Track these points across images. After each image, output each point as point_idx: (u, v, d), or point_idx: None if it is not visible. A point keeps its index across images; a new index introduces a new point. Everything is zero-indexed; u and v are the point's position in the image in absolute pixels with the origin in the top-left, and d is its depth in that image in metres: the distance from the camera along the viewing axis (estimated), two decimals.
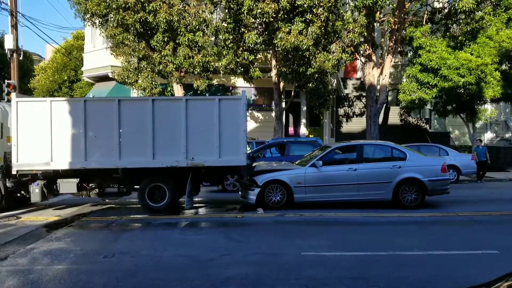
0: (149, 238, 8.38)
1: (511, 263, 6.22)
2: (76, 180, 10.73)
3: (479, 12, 19.68)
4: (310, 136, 22.73)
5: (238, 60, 18.14)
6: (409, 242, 7.68)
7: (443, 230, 8.89)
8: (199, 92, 19.22)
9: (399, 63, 27.11)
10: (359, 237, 8.13)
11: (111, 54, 20.78)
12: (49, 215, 10.55)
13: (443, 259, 6.67)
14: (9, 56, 19.26)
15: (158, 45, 18.04)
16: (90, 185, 10.98)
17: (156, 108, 10.51)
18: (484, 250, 7.09)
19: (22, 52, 20.07)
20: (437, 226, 9.20)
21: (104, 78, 23.78)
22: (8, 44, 18.92)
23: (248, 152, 11.93)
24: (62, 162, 10.46)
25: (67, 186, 10.78)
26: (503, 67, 20.63)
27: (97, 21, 19.34)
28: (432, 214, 10.35)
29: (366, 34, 19.38)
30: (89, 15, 18.87)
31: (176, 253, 7.02)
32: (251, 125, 22.74)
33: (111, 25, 18.39)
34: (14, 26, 19.22)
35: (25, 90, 33.76)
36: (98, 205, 12.20)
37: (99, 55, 23.59)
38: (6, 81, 18.45)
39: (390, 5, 20.35)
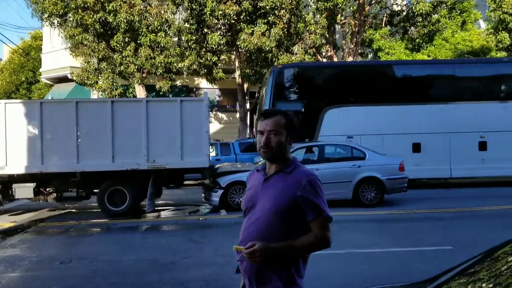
0: (108, 242, 8.23)
1: (464, 258, 6.46)
2: (32, 185, 10.43)
3: (436, 15, 20.38)
4: None
5: (201, 61, 18.10)
6: (367, 239, 7.86)
7: (401, 227, 9.13)
8: (161, 93, 19.04)
9: None
10: None
11: (70, 54, 20.30)
12: (4, 221, 10.20)
13: (400, 255, 6.85)
14: None
15: (118, 45, 17.76)
16: (48, 189, 10.69)
17: (115, 110, 10.33)
18: (439, 246, 7.31)
19: None
20: (395, 224, 9.45)
21: (63, 79, 23.19)
22: None
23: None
24: (18, 166, 10.13)
25: (23, 191, 10.46)
26: None
27: (55, 21, 18.85)
28: (390, 212, 10.63)
29: (327, 36, 19.72)
30: (46, 15, 18.37)
31: (136, 257, 6.93)
32: (215, 126, 22.70)
33: (70, 25, 18.00)
34: None
35: None
36: (56, 210, 11.88)
37: (58, 56, 22.99)
38: None
39: (351, 8, 20.76)
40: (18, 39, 51.56)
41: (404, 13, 21.37)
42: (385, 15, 21.73)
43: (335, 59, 21.03)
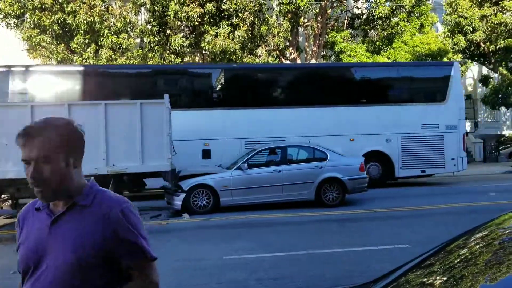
0: None
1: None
2: None
3: (395, 18, 20.90)
4: None
5: (164, 63, 17.88)
6: (329, 239, 7.95)
7: (361, 226, 9.30)
8: None
9: None
10: (282, 238, 8.30)
11: (28, 56, 19.64)
12: None
13: (359, 255, 6.97)
14: None
15: (78, 47, 17.33)
16: (3, 196, 10.30)
17: (73, 112, 10.05)
18: (397, 245, 7.48)
19: None
20: (355, 223, 9.61)
21: None
22: None
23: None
24: None
25: None
26: None
27: (11, 22, 18.22)
28: (351, 211, 10.80)
29: (291, 38, 19.91)
30: (2, 15, 17.74)
31: None
32: None
33: (27, 26, 17.43)
34: None
35: None
36: (12, 218, 11.44)
37: (15, 58, 22.18)
38: None
39: (313, 11, 21.04)
40: None
41: (365, 16, 21.82)
42: (346, 18, 22.12)
43: (299, 61, 21.25)
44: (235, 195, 10.98)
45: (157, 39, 17.64)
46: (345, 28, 21.81)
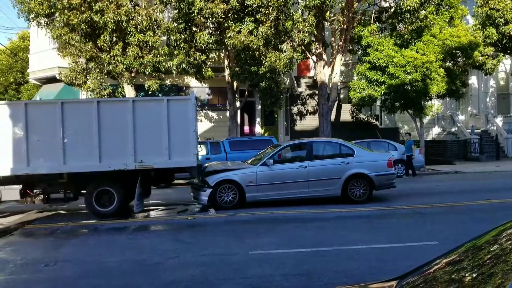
0: (95, 244, 8.17)
1: None
2: (19, 187, 10.31)
3: (423, 11, 20.43)
4: (265, 135, 22.90)
5: (190, 60, 17.99)
6: (355, 236, 7.87)
7: (389, 223, 9.17)
8: (151, 92, 18.93)
9: (350, 61, 27.73)
10: (307, 234, 8.25)
11: (58, 55, 20.08)
12: None
13: (386, 251, 6.87)
14: None
15: (105, 45, 17.61)
16: (35, 191, 10.58)
17: (101, 110, 10.24)
18: (425, 242, 7.35)
19: None
20: (383, 220, 9.48)
21: (51, 80, 23.00)
22: None
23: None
24: (3, 168, 10.01)
25: (10, 193, 10.34)
26: (447, 64, 21.53)
27: (42, 21, 18.63)
28: (379, 208, 10.66)
29: (316, 33, 19.72)
30: (33, 15, 18.17)
31: (122, 258, 6.88)
32: (205, 125, 22.65)
33: (57, 25, 17.80)
34: None
35: None
36: (44, 212, 11.78)
37: (45, 56, 22.80)
38: None
39: (339, 5, 20.78)
40: (5, 40, 51.08)
41: (392, 10, 21.39)
42: (373, 12, 21.76)
43: (324, 57, 21.05)
44: (260, 191, 10.98)
45: (182, 36, 17.75)
46: (372, 22, 21.45)
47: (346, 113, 28.01)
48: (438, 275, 2.15)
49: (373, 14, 21.68)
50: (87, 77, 18.83)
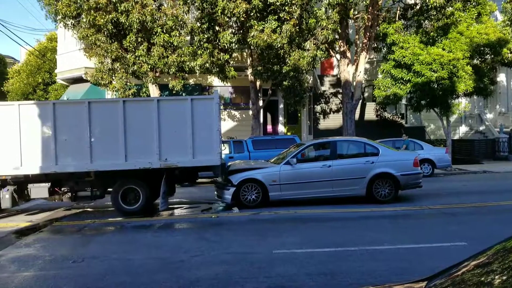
0: (121, 241, 8.29)
1: None
2: (47, 185, 10.55)
3: (450, 8, 20.02)
4: (288, 133, 22.84)
5: (213, 59, 18.08)
6: (380, 236, 7.77)
7: (415, 223, 9.02)
8: (174, 92, 19.11)
9: (374, 59, 27.41)
10: (332, 233, 8.19)
11: (84, 55, 20.48)
12: (20, 221, 10.35)
13: (412, 252, 6.77)
14: None
15: (131, 45, 17.86)
16: (63, 189, 10.81)
17: (127, 109, 10.40)
18: (453, 242, 7.20)
19: None
20: (408, 220, 9.33)
21: (78, 80, 23.47)
22: None
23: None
24: (32, 166, 10.27)
25: (39, 191, 10.60)
26: (475, 61, 21.04)
27: (69, 23, 19.02)
28: (404, 208, 10.50)
29: (340, 31, 19.53)
30: (60, 16, 18.56)
31: (147, 256, 6.96)
32: (228, 124, 22.74)
33: (83, 26, 18.14)
34: None
35: None
36: (72, 209, 12.03)
37: (72, 57, 23.26)
38: None
39: (364, 2, 20.53)
40: (34, 41, 52.37)
41: (418, 7, 21.02)
42: (398, 9, 21.42)
43: (348, 55, 20.84)
44: (284, 190, 10.96)
45: (206, 36, 17.85)
46: (397, 19, 21.11)
47: (370, 112, 27.71)
48: (467, 277, 2.10)
49: (398, 11, 21.33)
50: (113, 77, 19.13)
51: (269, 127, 24.40)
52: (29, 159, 10.24)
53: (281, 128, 23.59)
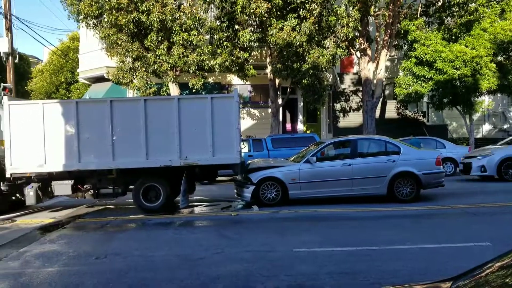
0: (142, 238, 8.40)
1: None
2: (70, 182, 10.73)
3: (473, 4, 19.63)
4: (307, 132, 22.75)
5: (232, 58, 18.12)
6: (401, 235, 7.69)
7: (437, 223, 8.90)
8: (194, 90, 19.22)
9: (395, 56, 27.04)
10: (352, 232, 8.14)
11: (106, 54, 20.75)
12: (44, 218, 10.58)
13: (435, 252, 6.68)
14: (4, 59, 19.25)
15: (152, 44, 18.03)
16: (85, 186, 10.99)
17: (148, 108, 10.50)
18: (477, 242, 7.08)
19: (17, 55, 20.10)
20: (431, 219, 9.21)
21: (100, 79, 23.80)
22: (3, 47, 18.94)
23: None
24: (56, 164, 10.47)
25: (62, 188, 10.79)
26: (499, 58, 20.59)
27: (91, 22, 19.31)
28: (426, 207, 10.36)
29: (360, 28, 19.36)
30: (82, 16, 18.85)
31: (168, 253, 7.03)
32: (247, 122, 22.77)
33: (105, 26, 18.39)
34: (9, 29, 19.26)
35: (23, 93, 33.82)
36: (94, 206, 12.22)
37: (94, 56, 23.59)
38: (2, 84, 18.43)
39: None
40: (56, 41, 53.33)
41: (440, 3, 20.67)
42: (420, 5, 21.10)
43: (369, 52, 20.64)
44: (303, 188, 10.92)
45: (225, 34, 17.90)
46: (419, 16, 20.81)
47: (391, 110, 27.37)
48: (491, 279, 2.07)
49: (419, 8, 21.01)
50: (134, 76, 19.33)
51: (288, 126, 24.34)
52: (53, 157, 10.44)
53: (300, 127, 23.51)
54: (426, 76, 19.64)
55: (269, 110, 21.15)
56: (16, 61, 20.03)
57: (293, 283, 5.41)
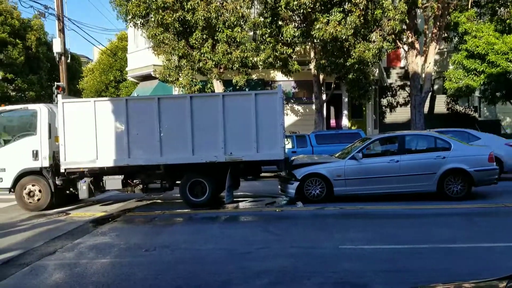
0: (189, 232, 8.57)
1: None
2: (121, 177, 11.08)
3: None
4: (352, 128, 22.41)
5: (276, 54, 18.10)
6: (452, 234, 7.45)
7: (490, 221, 8.56)
8: (238, 87, 19.36)
9: (444, 50, 26.15)
10: (400, 230, 7.96)
11: (153, 53, 21.27)
12: (96, 211, 11.00)
13: (488, 251, 6.44)
14: (57, 59, 20.11)
15: (197, 42, 18.29)
16: (135, 181, 11.31)
17: (194, 104, 10.69)
18: None
19: (69, 55, 20.95)
20: (483, 218, 8.86)
21: (147, 77, 24.41)
22: (56, 47, 19.75)
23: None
24: (107, 159, 10.85)
25: (113, 183, 11.16)
26: None
27: (138, 22, 19.82)
28: (478, 205, 9.97)
29: (408, 21, 18.81)
30: (130, 16, 19.38)
31: (215, 247, 7.15)
32: (291, 118, 22.69)
33: (152, 25, 18.82)
34: (61, 30, 20.07)
35: (75, 92, 35.20)
36: (143, 201, 12.58)
37: (141, 55, 24.22)
38: (55, 83, 19.28)
39: None
40: (106, 41, 55.13)
41: None
42: None
43: (417, 45, 20.04)
44: (349, 185, 10.78)
45: (269, 30, 17.89)
46: (469, 7, 19.98)
47: (440, 105, 26.51)
48: None
49: None
50: (179, 74, 19.70)
51: (333, 122, 24.05)
52: (104, 153, 10.82)
53: (345, 122, 23.18)
54: (478, 70, 18.87)
55: (313, 106, 20.99)
56: (68, 61, 20.84)
57: (339, 279, 5.37)
